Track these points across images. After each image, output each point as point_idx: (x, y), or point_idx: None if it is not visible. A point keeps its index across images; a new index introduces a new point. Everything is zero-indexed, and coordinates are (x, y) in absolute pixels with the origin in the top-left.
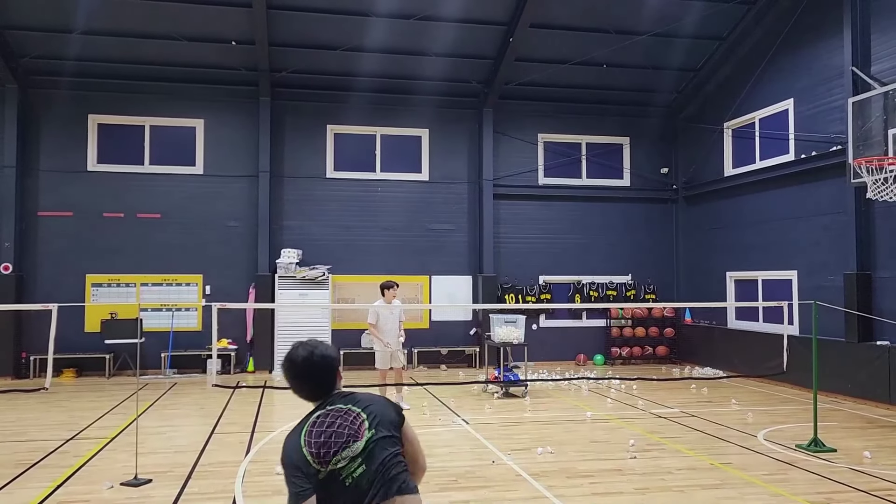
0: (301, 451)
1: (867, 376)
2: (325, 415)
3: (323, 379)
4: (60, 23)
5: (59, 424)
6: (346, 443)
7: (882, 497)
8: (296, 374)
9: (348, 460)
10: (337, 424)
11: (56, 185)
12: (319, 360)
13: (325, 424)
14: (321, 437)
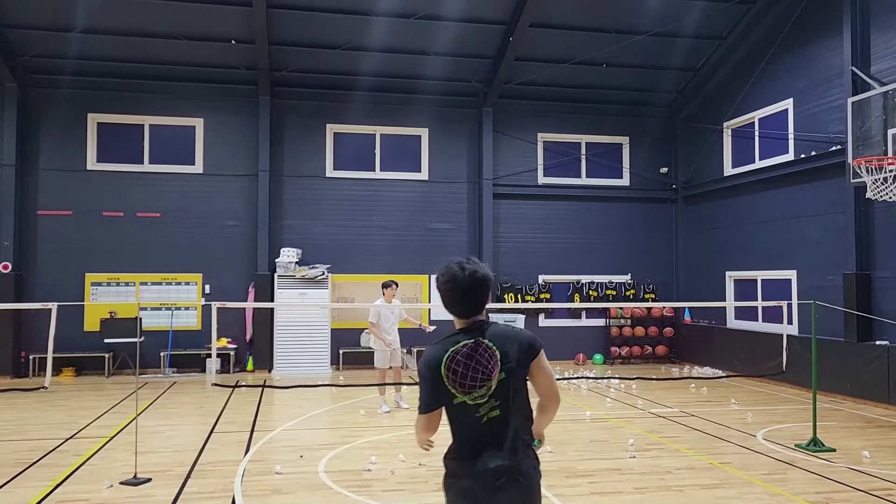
0: (440, 370)
1: (866, 376)
2: (468, 346)
3: (480, 298)
4: (60, 21)
5: (59, 423)
6: (484, 379)
7: (881, 497)
8: (456, 291)
9: (485, 398)
10: (475, 360)
11: (55, 184)
12: (481, 280)
13: (465, 357)
14: (460, 367)
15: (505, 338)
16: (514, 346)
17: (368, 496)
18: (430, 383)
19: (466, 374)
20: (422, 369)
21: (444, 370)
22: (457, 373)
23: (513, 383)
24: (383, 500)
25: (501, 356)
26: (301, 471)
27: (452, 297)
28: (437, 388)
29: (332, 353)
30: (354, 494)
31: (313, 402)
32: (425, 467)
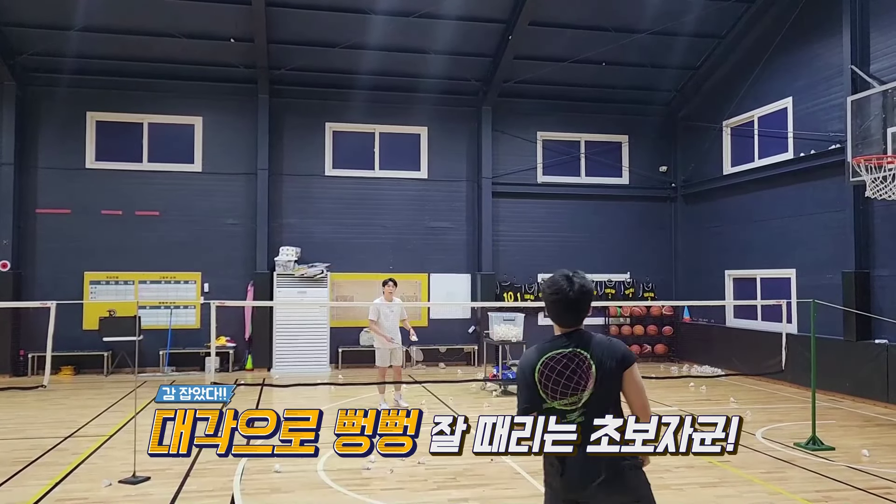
0: (534, 376)
1: (865, 375)
2: (563, 355)
3: (583, 310)
4: (59, 20)
5: (58, 422)
6: (576, 388)
7: (880, 495)
8: (563, 303)
9: (572, 406)
10: (570, 369)
11: (54, 183)
12: (587, 293)
13: (560, 364)
14: (553, 374)
15: (601, 348)
16: (609, 358)
17: (367, 495)
18: (525, 387)
19: (559, 381)
20: (517, 374)
21: (538, 375)
22: (549, 378)
23: (603, 395)
24: (382, 498)
25: (596, 367)
26: (300, 469)
27: (558, 308)
28: (531, 392)
29: (332, 352)
30: (354, 493)
31: (312, 401)
32: (424, 466)
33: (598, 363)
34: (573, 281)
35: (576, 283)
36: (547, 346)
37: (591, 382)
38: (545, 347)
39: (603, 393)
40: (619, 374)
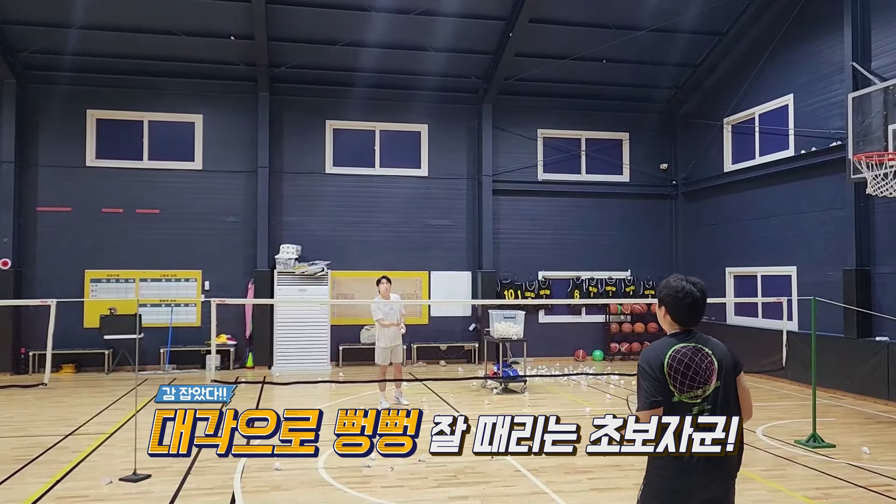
0: (663, 369)
1: (866, 372)
2: (688, 349)
3: (703, 311)
4: (58, 17)
5: (58, 420)
6: (702, 382)
7: (880, 493)
8: (691, 305)
9: (700, 398)
10: (696, 362)
11: (55, 181)
12: (706, 296)
13: (687, 357)
14: (681, 366)
15: (719, 349)
16: (728, 359)
17: (368, 492)
18: (654, 380)
19: (687, 373)
20: (644, 367)
21: (667, 368)
22: (678, 371)
23: (723, 391)
24: (383, 496)
25: (718, 364)
26: (300, 467)
27: (689, 310)
28: (661, 385)
29: (332, 350)
30: (354, 491)
31: (313, 399)
32: (424, 464)
33: (720, 361)
34: (698, 284)
35: (699, 287)
36: (669, 342)
37: (714, 377)
38: (667, 344)
39: (724, 388)
40: (734, 375)
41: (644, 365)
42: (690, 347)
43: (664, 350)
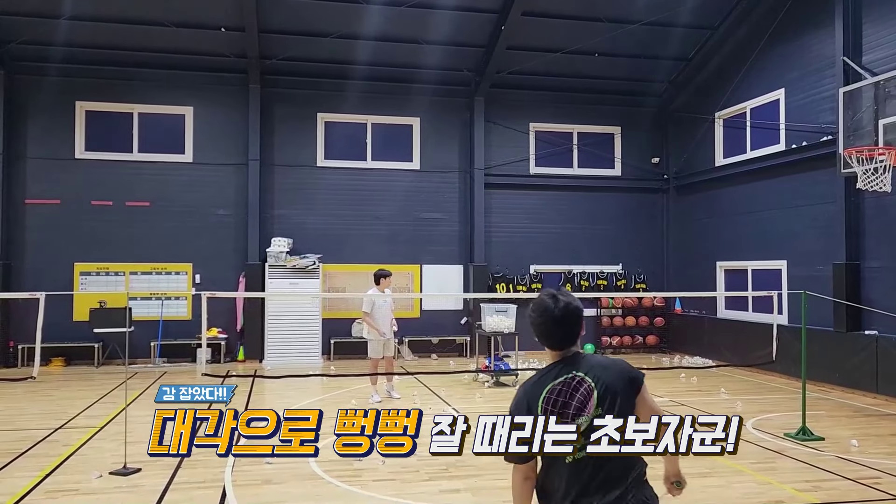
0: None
1: (855, 366)
2: (561, 383)
3: (572, 329)
4: (47, 8)
5: (48, 413)
6: (575, 415)
7: (869, 485)
8: (549, 323)
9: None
10: (571, 397)
11: (43, 173)
12: (573, 311)
13: (561, 395)
14: (556, 407)
15: (602, 369)
16: (614, 380)
17: (359, 486)
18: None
19: (563, 409)
20: (514, 409)
21: (542, 403)
22: (553, 409)
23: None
24: (374, 489)
25: (599, 391)
26: (292, 460)
27: (545, 329)
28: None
29: (324, 343)
30: (345, 484)
31: (304, 392)
32: (416, 457)
33: (601, 386)
34: (557, 299)
35: (560, 302)
36: (549, 375)
37: (592, 406)
38: (547, 377)
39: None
40: (630, 397)
41: (514, 412)
42: (566, 380)
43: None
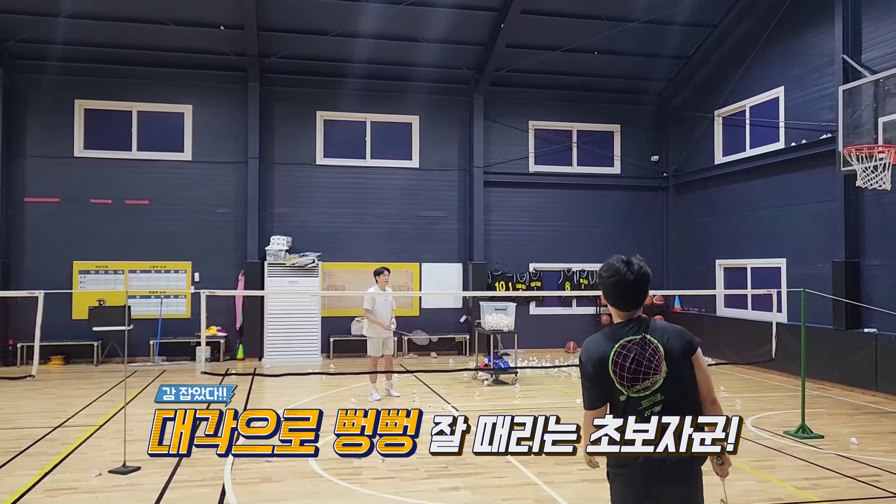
0: (607, 368)
1: (854, 364)
2: (632, 342)
3: (642, 293)
4: (46, 6)
5: (47, 412)
6: (649, 373)
7: (868, 483)
8: (620, 286)
9: (649, 391)
10: (641, 354)
11: (42, 171)
12: (644, 275)
13: (632, 352)
14: (627, 362)
15: (665, 333)
16: (676, 342)
17: (359, 484)
18: (597, 378)
19: (632, 367)
20: (585, 365)
21: (612, 365)
22: (623, 367)
23: (675, 377)
24: (374, 488)
25: (665, 351)
26: (291, 458)
27: (616, 291)
28: (605, 383)
29: (323, 341)
30: (345, 482)
31: (303, 391)
32: (416, 455)
33: (667, 347)
34: (633, 264)
35: (634, 265)
36: (614, 335)
37: (662, 366)
38: (612, 336)
39: (675, 376)
40: (688, 357)
41: (586, 362)
42: (636, 340)
43: (609, 346)
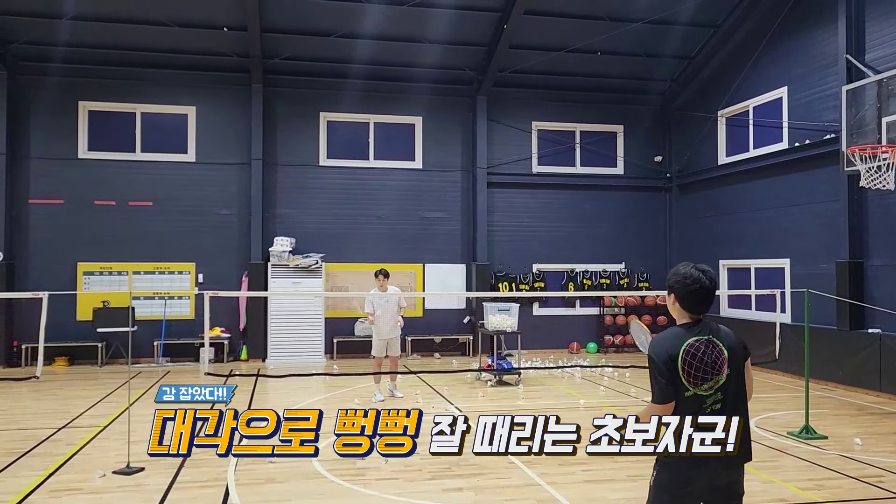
0: (677, 363)
1: (858, 364)
2: (702, 342)
3: (712, 299)
4: (50, 8)
5: (52, 413)
6: (714, 373)
7: (872, 483)
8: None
9: (714, 389)
10: (708, 355)
11: (47, 173)
12: (716, 285)
13: (700, 351)
14: (695, 360)
15: (728, 337)
16: (737, 347)
17: (362, 485)
18: (667, 374)
19: (700, 367)
20: (656, 361)
21: (681, 363)
22: (692, 365)
23: (735, 379)
24: (377, 489)
25: (729, 354)
26: (294, 459)
27: (697, 298)
28: (674, 379)
29: (326, 342)
30: (348, 483)
31: (307, 391)
32: (419, 455)
33: (730, 350)
34: (707, 272)
35: (709, 274)
36: (683, 335)
37: (726, 367)
38: (681, 336)
39: (735, 377)
40: (743, 361)
41: (657, 359)
42: (704, 340)
43: (678, 344)
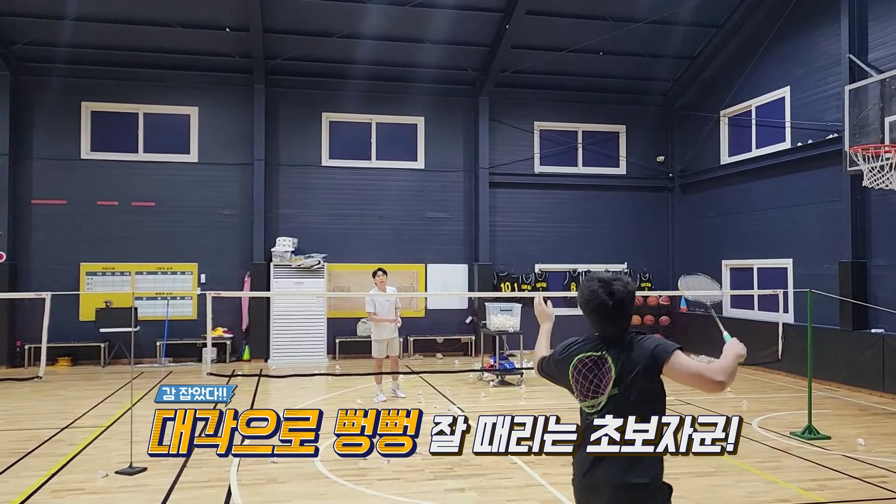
0: (568, 375)
1: (861, 364)
2: (589, 359)
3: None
4: (52, 9)
5: (54, 413)
6: (594, 393)
7: (875, 484)
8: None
9: (592, 409)
10: (592, 374)
11: (49, 173)
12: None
13: (585, 368)
14: (580, 377)
15: (626, 353)
16: (635, 363)
17: (364, 485)
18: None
19: (584, 383)
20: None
21: (572, 371)
22: (577, 380)
23: (623, 399)
24: (379, 489)
25: (616, 373)
26: (296, 459)
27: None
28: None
29: (329, 342)
30: (350, 483)
31: (309, 391)
32: (421, 456)
33: (620, 367)
34: (613, 289)
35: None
36: (583, 347)
37: (609, 386)
38: (582, 347)
39: (623, 397)
40: (652, 374)
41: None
42: (595, 357)
43: (574, 354)
